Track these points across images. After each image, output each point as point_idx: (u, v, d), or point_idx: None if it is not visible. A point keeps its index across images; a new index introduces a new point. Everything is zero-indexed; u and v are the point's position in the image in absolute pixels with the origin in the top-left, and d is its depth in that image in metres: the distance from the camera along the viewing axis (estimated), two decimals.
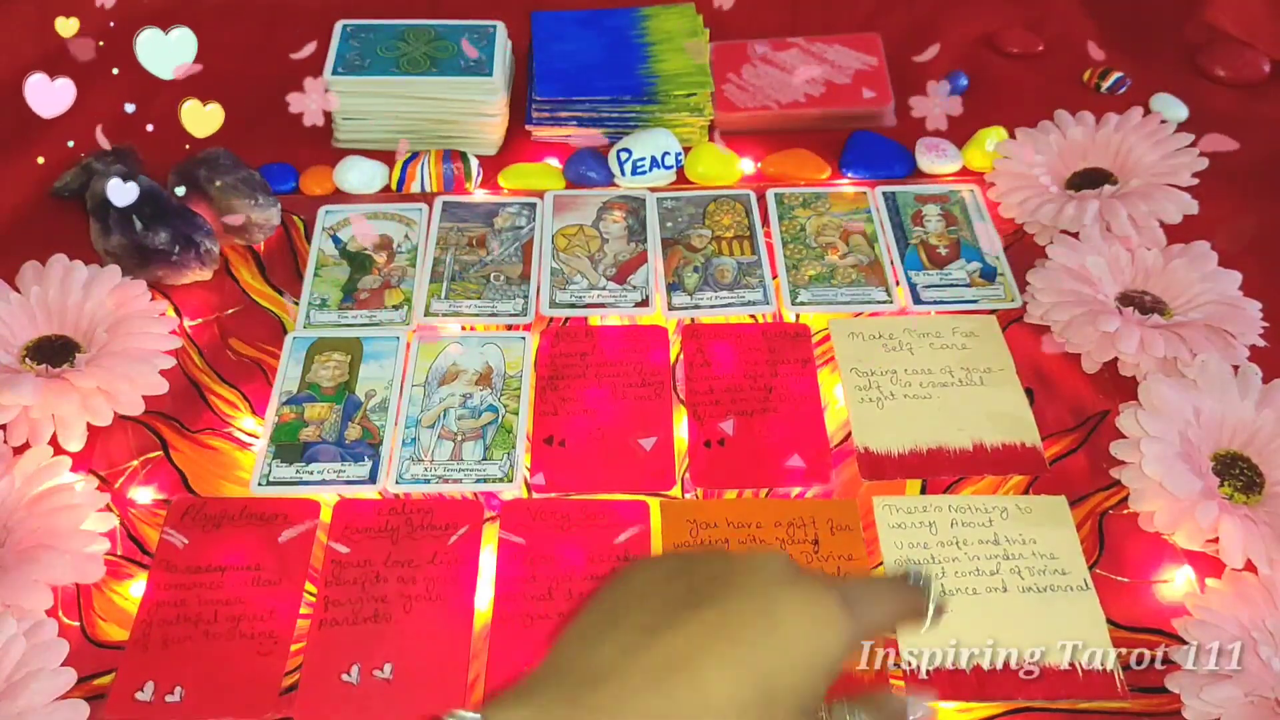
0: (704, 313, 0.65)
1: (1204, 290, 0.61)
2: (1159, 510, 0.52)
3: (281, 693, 0.49)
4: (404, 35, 0.74)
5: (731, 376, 0.61)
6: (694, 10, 0.80)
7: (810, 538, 0.54)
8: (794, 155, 0.74)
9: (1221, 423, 0.55)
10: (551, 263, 0.67)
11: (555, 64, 0.75)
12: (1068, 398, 0.60)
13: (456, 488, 0.56)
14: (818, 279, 0.66)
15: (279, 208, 0.69)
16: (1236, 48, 0.80)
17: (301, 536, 0.54)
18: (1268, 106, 0.77)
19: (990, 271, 0.66)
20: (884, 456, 0.58)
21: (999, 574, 0.52)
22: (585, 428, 0.59)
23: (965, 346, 0.62)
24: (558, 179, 0.73)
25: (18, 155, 0.72)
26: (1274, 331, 0.59)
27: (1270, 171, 0.72)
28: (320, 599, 0.52)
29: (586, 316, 0.65)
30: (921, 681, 0.49)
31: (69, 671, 0.47)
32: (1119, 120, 0.69)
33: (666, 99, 0.73)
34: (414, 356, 0.62)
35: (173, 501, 0.56)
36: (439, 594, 0.52)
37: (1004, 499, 0.55)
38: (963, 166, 0.73)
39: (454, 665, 0.50)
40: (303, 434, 0.58)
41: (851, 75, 0.77)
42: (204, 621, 0.51)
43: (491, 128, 0.74)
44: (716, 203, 0.71)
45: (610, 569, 0.53)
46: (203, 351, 0.63)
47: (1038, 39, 0.82)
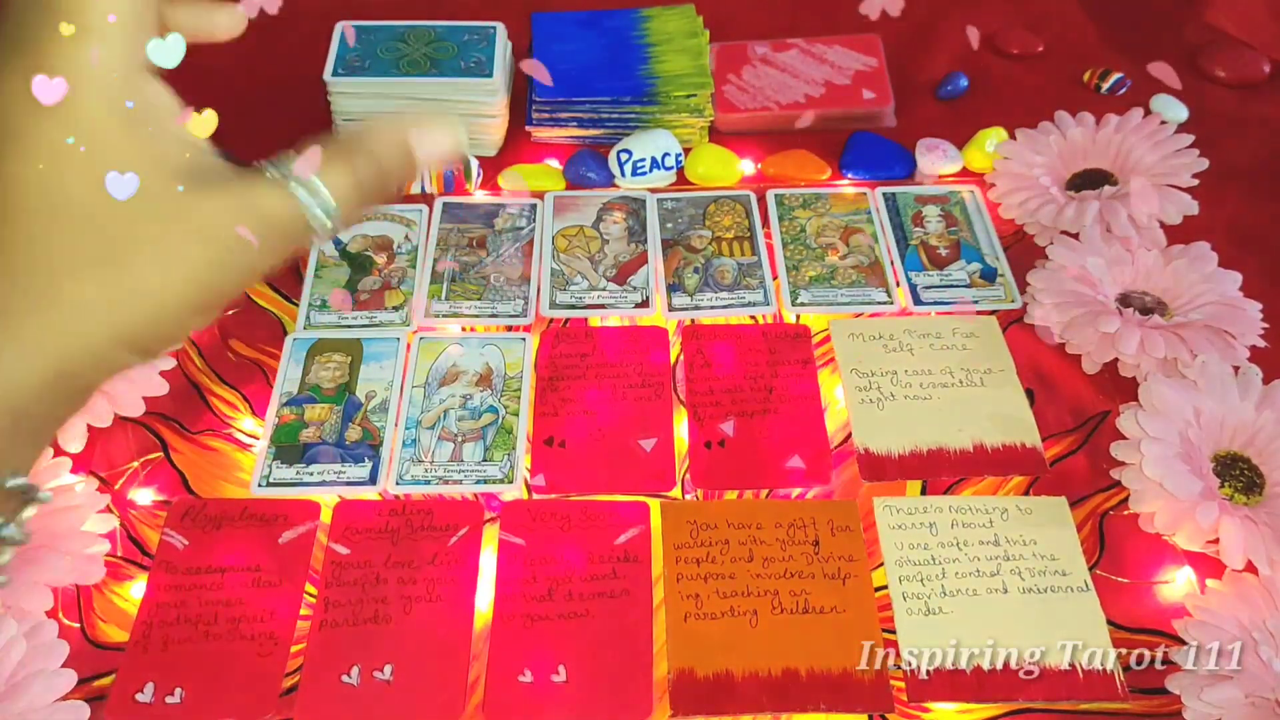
0: (704, 314, 0.65)
1: (1204, 291, 0.61)
2: (1159, 511, 0.52)
3: (282, 694, 0.49)
4: (404, 36, 0.74)
5: (732, 377, 0.61)
6: (694, 11, 0.80)
7: (810, 538, 0.54)
8: (794, 156, 0.74)
9: (1222, 423, 0.55)
10: (552, 264, 0.67)
11: (555, 65, 0.75)
12: (1068, 398, 0.60)
13: (457, 489, 0.56)
14: (818, 280, 0.66)
15: None
16: (1236, 48, 0.80)
17: (302, 538, 0.54)
18: (1268, 107, 0.77)
19: (990, 272, 0.66)
20: (884, 457, 0.58)
21: (999, 575, 0.52)
22: (585, 429, 0.59)
23: (965, 347, 0.62)
24: (558, 180, 0.73)
25: None
26: (1274, 332, 0.59)
27: (1270, 171, 0.73)
28: (320, 600, 0.52)
29: (587, 317, 0.65)
30: (920, 683, 0.49)
31: (69, 673, 0.47)
32: (1119, 121, 0.69)
33: (667, 100, 0.73)
34: (414, 357, 0.62)
35: (173, 503, 0.56)
36: (439, 595, 0.52)
37: (1004, 500, 0.55)
38: (963, 167, 0.73)
39: (454, 666, 0.50)
40: (303, 435, 0.58)
41: (851, 76, 0.77)
42: (204, 623, 0.51)
43: (492, 129, 0.74)
44: (717, 203, 0.71)
45: (611, 570, 0.53)
46: (203, 352, 0.63)
47: (1038, 40, 0.82)
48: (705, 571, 0.53)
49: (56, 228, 0.26)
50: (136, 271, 0.27)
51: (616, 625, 0.51)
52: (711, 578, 0.53)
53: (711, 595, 0.52)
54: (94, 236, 0.26)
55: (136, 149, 0.27)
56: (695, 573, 0.53)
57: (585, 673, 0.49)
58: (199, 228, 0.27)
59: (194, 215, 0.27)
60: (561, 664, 0.50)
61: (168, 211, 0.27)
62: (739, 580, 0.52)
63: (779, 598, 0.52)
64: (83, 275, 0.26)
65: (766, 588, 0.52)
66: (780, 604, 0.52)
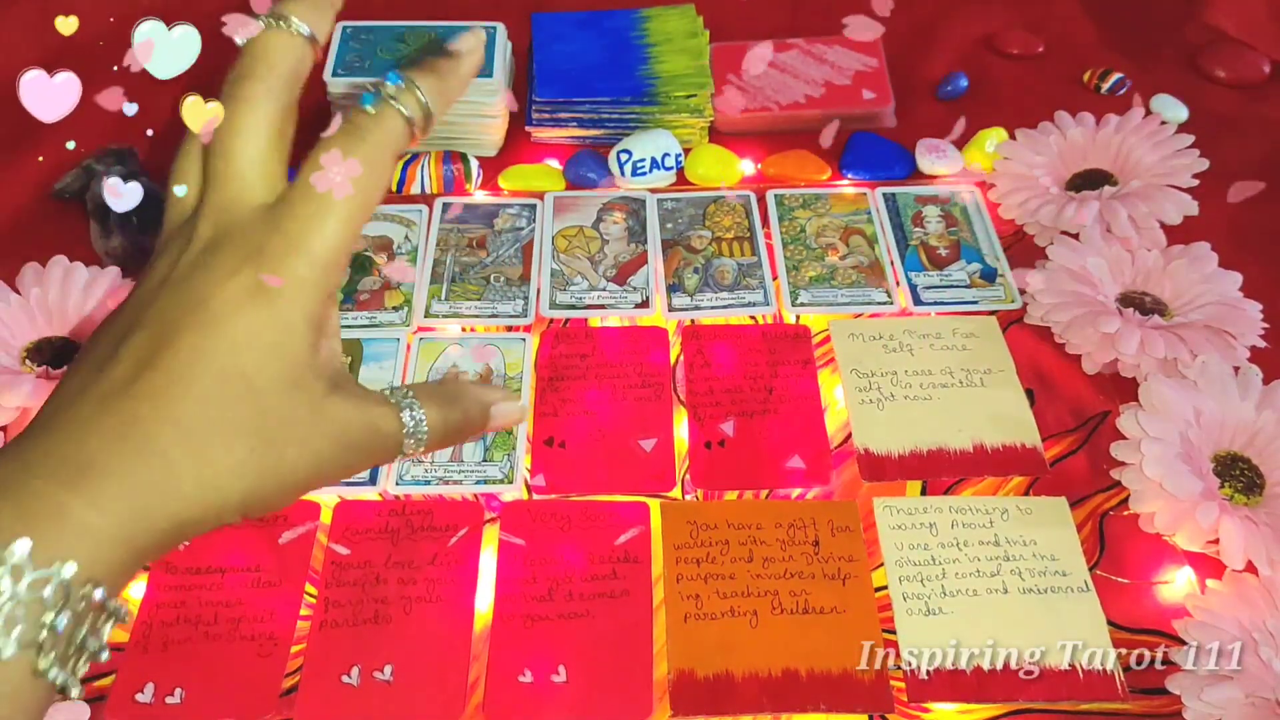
0: (704, 314, 0.65)
1: (1204, 291, 0.61)
2: (1159, 511, 0.52)
3: (282, 694, 0.49)
4: (404, 37, 0.75)
5: (732, 378, 0.61)
6: (694, 11, 0.80)
7: (810, 539, 0.54)
8: (794, 156, 0.74)
9: (1222, 424, 0.55)
10: (551, 264, 0.67)
11: (555, 65, 0.75)
12: (1068, 399, 0.60)
13: (457, 489, 0.56)
14: (818, 280, 0.66)
15: None
16: (1237, 49, 0.80)
17: (301, 538, 0.54)
18: (1268, 107, 0.77)
19: (990, 272, 0.66)
20: (884, 458, 0.58)
21: (999, 575, 0.52)
22: (585, 429, 0.59)
23: (965, 348, 0.62)
24: (558, 180, 0.73)
25: (19, 156, 0.72)
26: (1274, 332, 0.59)
27: (1270, 171, 0.72)
28: (320, 600, 0.52)
29: (587, 318, 0.65)
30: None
31: None
32: (1119, 121, 0.69)
33: (666, 100, 0.73)
34: (414, 358, 0.62)
35: None
36: (439, 595, 0.52)
37: (1004, 500, 0.55)
38: (963, 168, 0.73)
39: (454, 667, 0.50)
40: None
41: (851, 76, 0.77)
42: (204, 623, 0.51)
43: (491, 129, 0.74)
44: (717, 204, 0.71)
45: (611, 570, 0.53)
46: None
47: (1038, 40, 0.82)
48: (705, 572, 0.53)
49: (222, 394, 0.30)
50: (279, 449, 0.31)
51: (616, 625, 0.51)
52: (711, 578, 0.53)
53: (711, 595, 0.52)
54: (253, 409, 0.30)
55: (308, 353, 0.32)
56: (695, 573, 0.53)
57: (585, 673, 0.49)
58: (333, 425, 0.32)
59: (333, 415, 0.32)
60: (561, 664, 0.50)
61: (315, 407, 0.32)
62: (739, 580, 0.52)
63: (779, 598, 0.52)
64: (235, 441, 0.30)
65: (766, 588, 0.52)
66: (780, 604, 0.52)
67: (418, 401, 0.35)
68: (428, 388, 0.36)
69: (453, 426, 0.37)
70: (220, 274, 0.31)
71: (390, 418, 0.34)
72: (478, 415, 0.38)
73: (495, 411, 0.38)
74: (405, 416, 0.35)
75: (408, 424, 0.34)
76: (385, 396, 0.35)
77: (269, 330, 0.30)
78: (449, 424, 0.36)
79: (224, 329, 0.30)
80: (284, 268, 0.31)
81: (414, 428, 0.35)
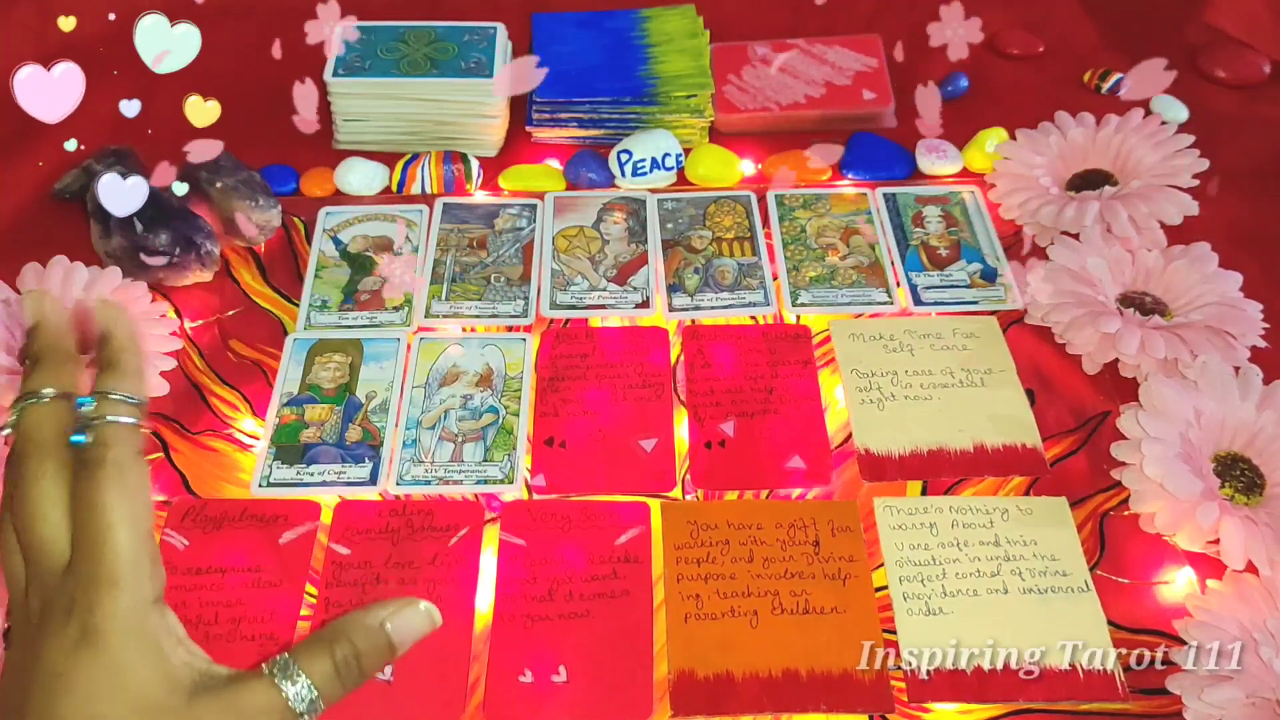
0: (704, 314, 0.65)
1: (1205, 291, 0.61)
2: (1160, 511, 0.52)
3: None
4: (404, 37, 0.75)
5: (732, 378, 0.61)
6: (694, 11, 0.80)
7: (811, 539, 0.54)
8: (794, 157, 0.74)
9: (1222, 424, 0.55)
10: (552, 264, 0.67)
11: (556, 65, 0.75)
12: (1068, 399, 0.60)
13: (457, 489, 0.56)
14: (818, 280, 0.66)
15: (280, 209, 0.69)
16: (1237, 49, 0.80)
17: (302, 538, 0.54)
18: (1268, 107, 0.77)
19: (991, 272, 0.66)
20: (885, 458, 0.58)
21: (1000, 575, 0.52)
22: (586, 429, 0.59)
23: (965, 348, 0.62)
24: (558, 180, 0.73)
25: (19, 157, 0.72)
26: (1275, 332, 0.59)
27: (1270, 171, 0.73)
28: (321, 600, 0.52)
29: (587, 318, 0.65)
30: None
31: None
32: (1119, 121, 0.69)
33: (667, 100, 0.73)
34: (414, 358, 0.62)
35: (173, 503, 0.56)
36: (439, 595, 0.52)
37: (1005, 500, 0.55)
38: (963, 168, 0.73)
39: (454, 667, 0.50)
40: (303, 435, 0.58)
41: (852, 77, 0.77)
42: (205, 623, 0.51)
43: (492, 129, 0.74)
44: (717, 204, 0.71)
45: (611, 570, 0.53)
46: (203, 353, 0.63)
47: (1038, 40, 0.82)
48: (705, 572, 0.53)
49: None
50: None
51: (617, 626, 0.51)
52: (712, 578, 0.53)
53: (712, 596, 0.52)
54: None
55: (153, 671, 0.32)
56: (695, 573, 0.53)
57: (585, 673, 0.49)
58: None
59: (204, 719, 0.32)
60: (562, 664, 0.50)
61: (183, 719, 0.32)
62: (739, 581, 0.52)
63: (779, 598, 0.52)
64: None
65: (767, 588, 0.52)
66: (780, 604, 0.52)
67: (295, 664, 0.34)
68: (307, 642, 0.35)
69: (348, 670, 0.34)
70: (52, 639, 0.32)
71: (268, 693, 0.33)
72: (372, 643, 0.35)
73: (393, 628, 0.35)
74: (285, 687, 0.33)
75: (289, 694, 0.33)
76: (260, 672, 0.33)
77: (108, 672, 0.31)
78: (343, 669, 0.34)
79: (69, 685, 0.31)
80: (97, 609, 0.32)
81: (297, 696, 0.33)
